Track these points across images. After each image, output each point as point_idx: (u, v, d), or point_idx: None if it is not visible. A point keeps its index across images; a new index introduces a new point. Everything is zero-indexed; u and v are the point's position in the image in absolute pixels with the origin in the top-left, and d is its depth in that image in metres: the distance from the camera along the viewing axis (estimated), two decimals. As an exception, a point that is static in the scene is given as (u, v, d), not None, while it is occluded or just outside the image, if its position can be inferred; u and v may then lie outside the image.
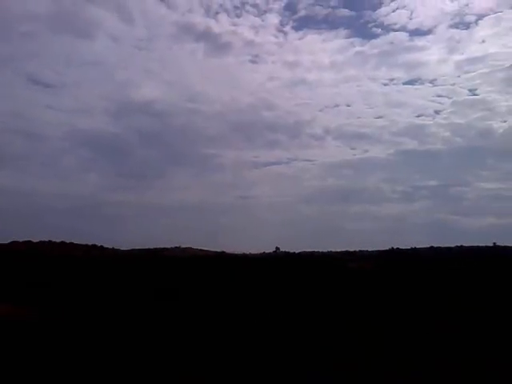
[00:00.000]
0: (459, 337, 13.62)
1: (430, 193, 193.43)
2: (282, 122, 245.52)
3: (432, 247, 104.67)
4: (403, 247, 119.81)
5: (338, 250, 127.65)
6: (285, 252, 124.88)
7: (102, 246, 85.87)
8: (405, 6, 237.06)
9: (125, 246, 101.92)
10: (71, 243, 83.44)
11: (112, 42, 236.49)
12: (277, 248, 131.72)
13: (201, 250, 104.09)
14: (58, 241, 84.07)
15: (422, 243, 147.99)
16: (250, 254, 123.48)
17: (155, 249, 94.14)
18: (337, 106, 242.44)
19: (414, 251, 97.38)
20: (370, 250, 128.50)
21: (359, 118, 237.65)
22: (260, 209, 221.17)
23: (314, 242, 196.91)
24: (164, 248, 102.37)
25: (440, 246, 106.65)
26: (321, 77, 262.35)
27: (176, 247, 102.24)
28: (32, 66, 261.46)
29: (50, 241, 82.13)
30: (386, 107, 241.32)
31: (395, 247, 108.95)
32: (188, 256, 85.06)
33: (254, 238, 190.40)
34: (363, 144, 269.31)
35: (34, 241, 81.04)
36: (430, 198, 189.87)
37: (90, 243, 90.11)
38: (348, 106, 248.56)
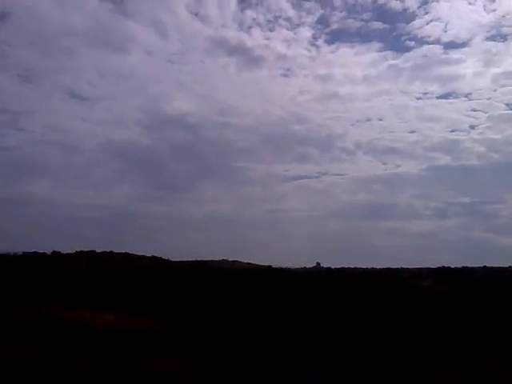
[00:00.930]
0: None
1: (464, 210, 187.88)
2: (313, 135, 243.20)
3: (485, 267, 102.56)
4: (451, 265, 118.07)
5: (376, 266, 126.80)
6: (327, 268, 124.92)
7: (161, 258, 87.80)
8: (439, 18, 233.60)
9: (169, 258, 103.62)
10: (132, 254, 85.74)
11: (146, 56, 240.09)
12: (318, 263, 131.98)
13: (248, 263, 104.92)
14: (119, 251, 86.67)
15: (454, 261, 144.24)
16: (294, 268, 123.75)
17: (205, 261, 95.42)
18: (369, 120, 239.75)
19: (469, 270, 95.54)
20: (410, 267, 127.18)
21: (391, 132, 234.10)
22: (289, 223, 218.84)
23: (342, 258, 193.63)
24: (212, 260, 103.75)
25: (492, 266, 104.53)
26: (353, 90, 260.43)
27: (224, 260, 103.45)
28: (69, 79, 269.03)
29: (111, 251, 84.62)
30: (419, 121, 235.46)
31: (446, 265, 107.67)
32: (244, 269, 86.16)
33: (282, 252, 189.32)
34: (395, 159, 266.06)
35: (98, 251, 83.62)
36: (464, 215, 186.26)
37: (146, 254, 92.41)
38: (380, 120, 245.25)
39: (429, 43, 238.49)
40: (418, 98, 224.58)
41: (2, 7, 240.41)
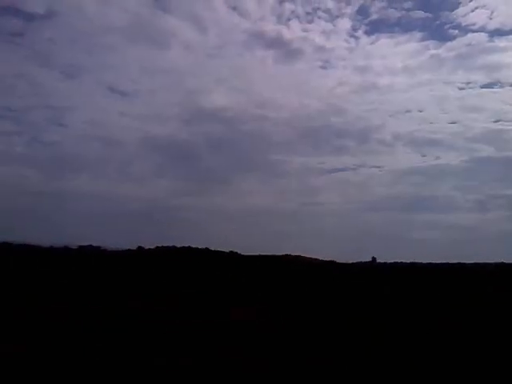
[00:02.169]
0: None
1: (507, 202, 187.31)
2: (351, 127, 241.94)
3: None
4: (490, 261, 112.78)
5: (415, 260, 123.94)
6: (382, 263, 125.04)
7: (237, 253, 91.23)
8: (484, 6, 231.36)
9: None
10: (209, 249, 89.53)
11: (185, 51, 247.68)
12: (373, 258, 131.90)
13: (313, 258, 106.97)
14: (200, 247, 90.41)
15: (495, 256, 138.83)
16: (351, 263, 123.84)
17: (273, 256, 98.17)
18: (408, 111, 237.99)
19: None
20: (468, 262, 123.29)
21: (431, 123, 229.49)
22: (324, 216, 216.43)
23: (379, 251, 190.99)
24: (274, 256, 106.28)
25: None
26: (392, 81, 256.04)
27: (287, 255, 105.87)
28: (110, 75, 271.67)
29: (189, 246, 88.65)
30: (461, 112, 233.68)
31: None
32: (315, 264, 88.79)
33: (319, 244, 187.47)
34: (435, 150, 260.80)
35: (178, 246, 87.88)
36: (506, 207, 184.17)
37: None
38: (420, 111, 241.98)
39: (473, 31, 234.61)
40: (461, 88, 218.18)
41: (49, 6, 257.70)
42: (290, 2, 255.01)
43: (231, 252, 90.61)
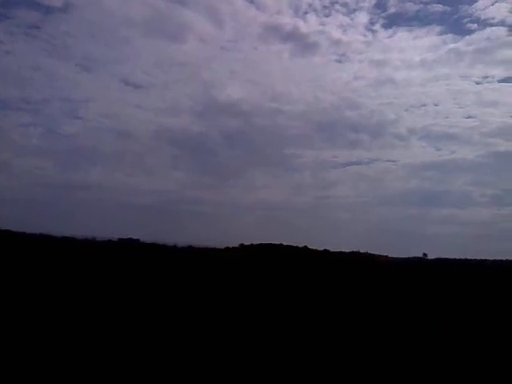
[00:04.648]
0: None
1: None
2: (365, 121, 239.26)
3: None
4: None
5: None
6: (437, 258, 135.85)
7: (316, 250, 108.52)
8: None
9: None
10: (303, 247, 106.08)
11: (200, 44, 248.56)
12: (424, 254, 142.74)
13: (372, 254, 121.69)
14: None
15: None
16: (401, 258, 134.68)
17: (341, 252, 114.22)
18: (424, 105, 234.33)
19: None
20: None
21: (447, 117, 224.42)
22: (338, 209, 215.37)
23: (391, 246, 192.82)
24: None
25: None
26: (409, 76, 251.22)
27: (341, 252, 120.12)
28: (125, 68, 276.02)
29: (281, 243, 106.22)
30: (477, 106, 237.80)
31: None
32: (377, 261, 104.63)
33: (332, 238, 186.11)
34: (450, 145, 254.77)
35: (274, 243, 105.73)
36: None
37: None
38: (436, 105, 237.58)
39: (492, 25, 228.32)
40: (478, 83, 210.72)
41: None
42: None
43: (325, 250, 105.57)
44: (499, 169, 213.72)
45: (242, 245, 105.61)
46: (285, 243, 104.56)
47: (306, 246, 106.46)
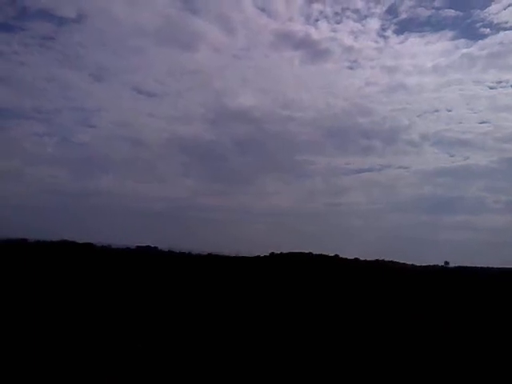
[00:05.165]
0: None
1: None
2: (377, 128, 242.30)
3: None
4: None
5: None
6: (458, 266, 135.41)
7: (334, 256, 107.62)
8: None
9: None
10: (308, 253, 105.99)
11: (213, 52, 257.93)
12: (446, 262, 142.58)
13: (397, 262, 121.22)
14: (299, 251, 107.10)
15: None
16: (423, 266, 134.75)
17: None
18: (437, 111, 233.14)
19: None
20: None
21: (460, 123, 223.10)
22: (349, 216, 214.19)
23: (405, 252, 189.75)
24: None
25: None
26: (421, 81, 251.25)
27: (377, 260, 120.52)
28: (137, 76, 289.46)
29: (310, 252, 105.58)
30: (491, 112, 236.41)
31: None
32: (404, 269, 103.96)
33: (344, 245, 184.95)
34: (464, 151, 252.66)
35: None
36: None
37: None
38: (449, 110, 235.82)
39: (506, 29, 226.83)
40: (491, 88, 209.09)
41: (78, 10, 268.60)
42: (318, 2, 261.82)
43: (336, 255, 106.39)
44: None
45: (272, 253, 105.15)
46: (313, 252, 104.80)
47: (336, 255, 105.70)
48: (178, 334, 13.61)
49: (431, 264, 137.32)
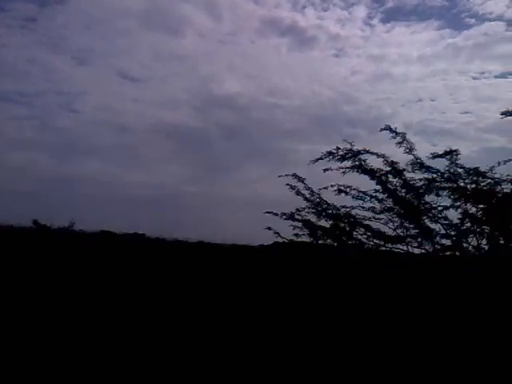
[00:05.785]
0: None
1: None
2: (363, 116, 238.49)
3: None
4: None
5: None
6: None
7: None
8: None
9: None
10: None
11: (198, 37, 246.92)
12: None
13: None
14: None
15: None
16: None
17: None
18: (420, 100, 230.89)
19: None
20: None
21: (444, 113, 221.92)
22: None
23: None
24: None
25: None
26: (406, 71, 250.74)
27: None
28: (122, 61, 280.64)
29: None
30: (474, 102, 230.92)
31: None
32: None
33: None
34: (446, 140, 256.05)
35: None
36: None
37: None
38: (432, 100, 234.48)
39: (490, 20, 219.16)
40: (475, 78, 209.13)
41: None
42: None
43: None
44: (493, 165, 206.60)
45: (275, 243, 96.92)
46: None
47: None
48: (178, 333, 11.26)
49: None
